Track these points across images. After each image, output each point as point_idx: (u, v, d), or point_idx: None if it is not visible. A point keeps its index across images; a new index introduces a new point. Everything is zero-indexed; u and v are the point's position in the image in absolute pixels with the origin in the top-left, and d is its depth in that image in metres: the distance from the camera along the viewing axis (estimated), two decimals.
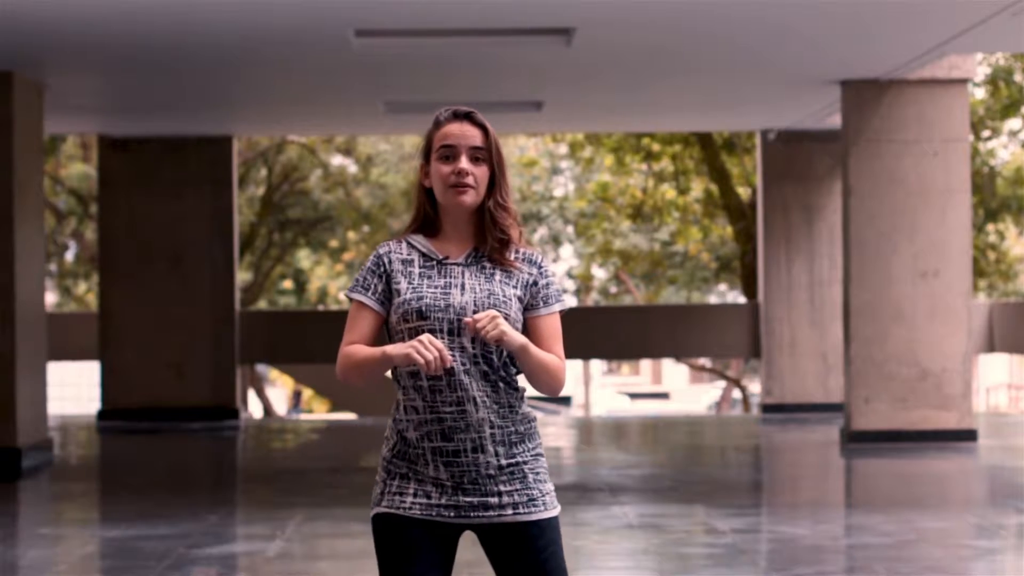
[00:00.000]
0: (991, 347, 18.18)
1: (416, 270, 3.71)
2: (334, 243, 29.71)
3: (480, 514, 3.66)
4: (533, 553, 3.67)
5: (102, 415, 16.57)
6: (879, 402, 13.20)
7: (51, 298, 30.91)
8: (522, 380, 3.75)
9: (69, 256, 29.03)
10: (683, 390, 47.93)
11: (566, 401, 40.76)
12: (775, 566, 7.85)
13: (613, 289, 32.44)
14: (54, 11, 9.97)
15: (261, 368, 30.10)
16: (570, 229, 29.79)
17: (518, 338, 3.59)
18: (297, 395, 33.10)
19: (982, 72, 20.32)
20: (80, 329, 18.13)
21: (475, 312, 3.64)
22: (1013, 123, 22.68)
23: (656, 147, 22.01)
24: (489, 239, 3.72)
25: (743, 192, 21.97)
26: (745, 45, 11.73)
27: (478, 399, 3.64)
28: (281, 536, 8.80)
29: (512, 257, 3.73)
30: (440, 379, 3.63)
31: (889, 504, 10.04)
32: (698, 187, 23.81)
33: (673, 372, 50.03)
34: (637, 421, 18.69)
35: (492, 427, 3.66)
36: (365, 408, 23.81)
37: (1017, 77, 20.54)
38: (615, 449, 14.24)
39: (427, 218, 3.78)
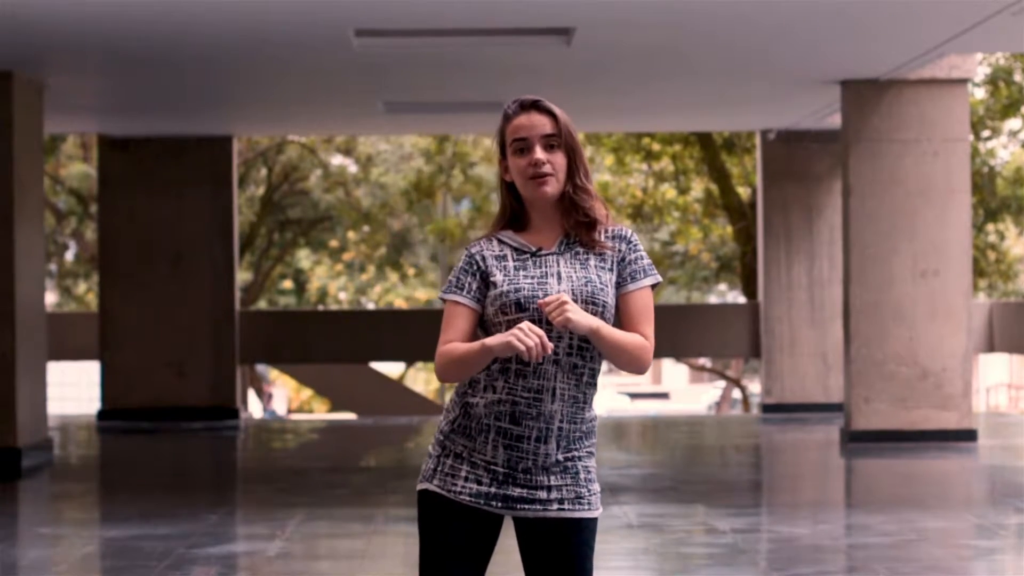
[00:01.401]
0: (991, 347, 18.18)
1: (510, 264, 3.68)
2: (334, 243, 29.71)
3: (527, 507, 3.66)
4: (567, 550, 3.67)
5: (102, 415, 16.58)
6: (879, 402, 13.20)
7: (51, 298, 30.91)
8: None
9: (69, 256, 29.04)
10: (683, 390, 47.92)
11: None
12: (775, 566, 7.85)
13: None
14: (54, 11, 9.97)
15: (261, 368, 30.10)
16: None
17: (586, 322, 3.55)
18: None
19: (982, 72, 20.32)
20: (80, 329, 18.13)
21: (573, 300, 3.61)
22: (1013, 123, 22.68)
23: (656, 147, 22.01)
24: (570, 222, 3.69)
25: (743, 192, 21.97)
26: (745, 45, 11.73)
27: (557, 390, 3.63)
28: (281, 536, 8.79)
29: (602, 237, 3.70)
30: (527, 365, 3.61)
31: (889, 504, 10.03)
32: (698, 187, 23.80)
33: (673, 372, 50.03)
34: (637, 421, 18.69)
35: (562, 420, 3.65)
36: (365, 408, 23.81)
37: (1017, 77, 20.54)
38: (615, 449, 14.24)
39: (514, 213, 3.75)
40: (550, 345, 3.50)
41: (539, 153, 3.66)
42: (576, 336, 3.62)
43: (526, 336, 3.48)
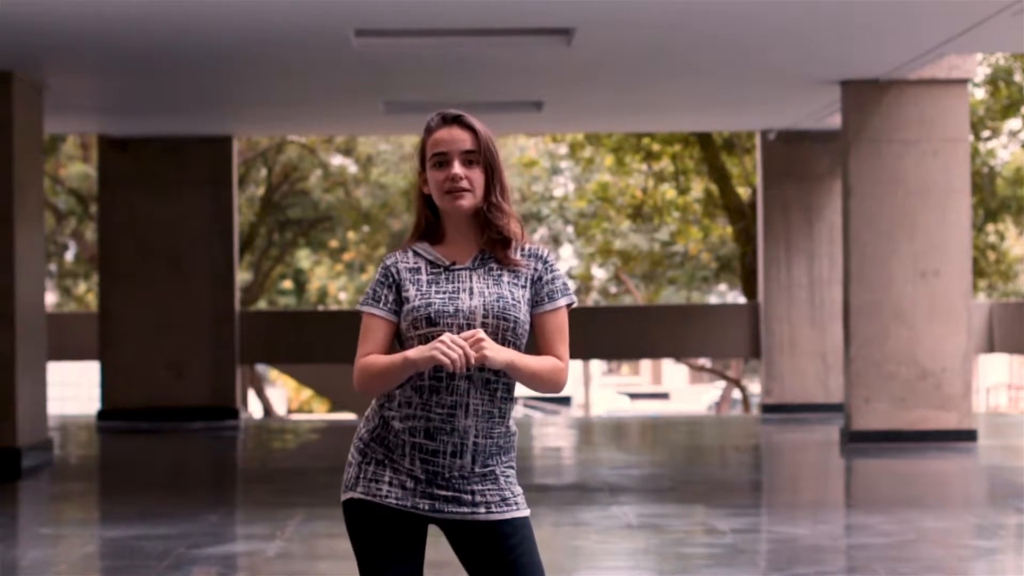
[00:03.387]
0: (991, 347, 18.18)
1: (424, 277, 3.70)
2: (334, 243, 29.70)
3: (454, 509, 3.67)
4: (505, 552, 3.68)
5: (102, 415, 16.58)
6: (879, 402, 13.20)
7: (51, 298, 30.90)
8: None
9: (69, 256, 29.03)
10: (683, 390, 47.93)
11: (566, 401, 40.76)
12: (775, 566, 7.85)
13: (613, 289, 32.43)
14: (54, 11, 9.97)
15: (261, 368, 30.09)
16: (570, 229, 29.80)
17: (502, 357, 3.58)
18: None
19: (982, 72, 20.32)
20: (80, 329, 18.13)
21: (484, 316, 3.64)
22: (1013, 123, 22.69)
23: (656, 147, 22.01)
24: (487, 240, 3.71)
25: (743, 192, 21.97)
26: (745, 45, 11.73)
27: (470, 406, 3.65)
28: (281, 536, 8.80)
29: (517, 255, 3.72)
30: (441, 381, 3.64)
31: (889, 504, 10.03)
32: (698, 187, 23.81)
33: (673, 372, 50.03)
34: (637, 421, 18.69)
35: (477, 435, 3.67)
36: (365, 408, 23.79)
37: (1017, 77, 20.55)
38: (615, 449, 14.24)
39: (429, 225, 3.78)
40: (473, 355, 3.52)
41: (457, 168, 3.68)
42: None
43: (449, 349, 3.51)
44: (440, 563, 4.29)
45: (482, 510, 3.67)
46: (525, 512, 3.73)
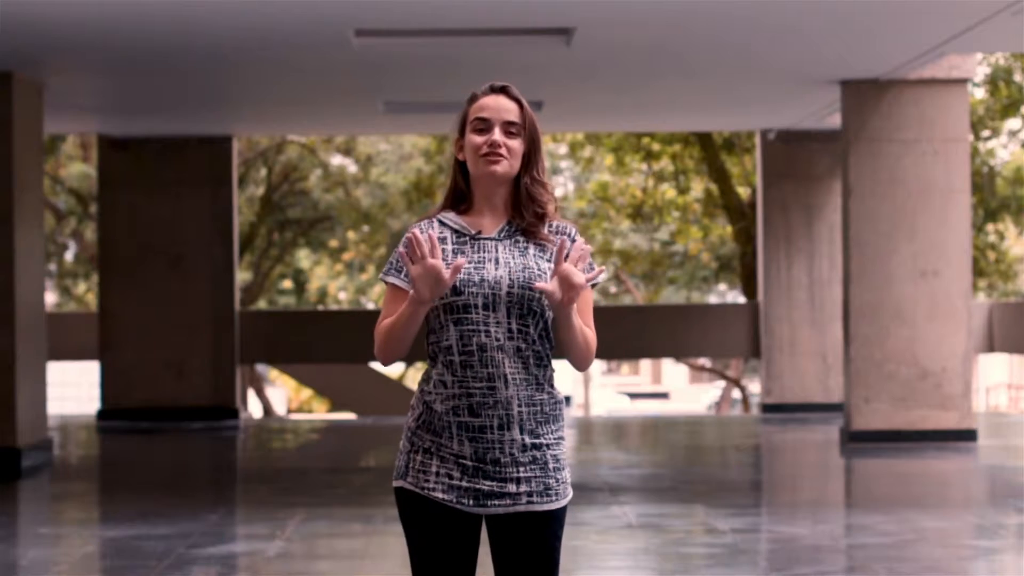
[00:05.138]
0: (991, 347, 18.18)
1: (449, 247, 3.71)
2: (334, 243, 29.70)
3: (497, 503, 3.67)
4: (536, 543, 3.70)
5: (102, 415, 16.58)
6: (879, 402, 13.20)
7: (51, 298, 30.90)
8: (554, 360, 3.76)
9: (69, 256, 29.02)
10: (683, 390, 47.92)
11: (566, 401, 40.76)
12: (775, 566, 7.85)
13: (613, 289, 32.43)
14: (54, 11, 9.97)
15: (261, 368, 30.09)
16: None
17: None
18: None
19: (982, 72, 20.32)
20: (80, 329, 18.12)
21: (510, 286, 3.65)
22: (1013, 123, 22.69)
23: (656, 147, 22.01)
24: (526, 215, 3.72)
25: (743, 192, 21.97)
26: (745, 45, 11.74)
27: (508, 376, 3.66)
28: (281, 536, 8.80)
29: (545, 231, 3.74)
30: (472, 355, 3.64)
31: (889, 504, 10.04)
32: (698, 187, 23.81)
33: (673, 372, 50.02)
34: (637, 421, 18.69)
35: (520, 404, 3.67)
36: (365, 408, 23.80)
37: (1017, 77, 20.54)
38: (615, 449, 14.24)
39: (459, 192, 3.78)
40: (442, 268, 3.55)
41: (497, 135, 3.70)
42: (515, 320, 3.65)
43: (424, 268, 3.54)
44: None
45: (523, 500, 3.67)
46: (563, 502, 3.73)
